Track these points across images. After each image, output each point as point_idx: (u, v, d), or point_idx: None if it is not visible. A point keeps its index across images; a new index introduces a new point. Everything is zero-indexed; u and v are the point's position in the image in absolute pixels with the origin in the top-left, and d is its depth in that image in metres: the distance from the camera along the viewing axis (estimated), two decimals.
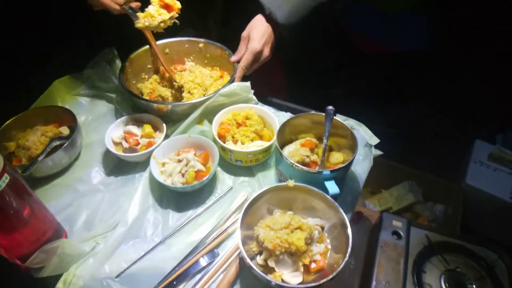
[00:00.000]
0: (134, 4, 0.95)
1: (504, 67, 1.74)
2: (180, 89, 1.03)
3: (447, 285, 0.99)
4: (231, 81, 0.97)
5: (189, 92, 1.01)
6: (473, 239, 1.10)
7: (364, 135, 0.94)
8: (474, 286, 0.99)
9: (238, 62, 1.01)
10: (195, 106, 0.92)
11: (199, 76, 1.04)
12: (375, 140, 0.93)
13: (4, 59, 1.01)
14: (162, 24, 0.93)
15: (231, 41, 1.07)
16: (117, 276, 0.72)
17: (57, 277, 0.71)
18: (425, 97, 1.89)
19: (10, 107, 0.98)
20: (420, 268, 1.03)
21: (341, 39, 1.83)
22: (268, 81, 1.29)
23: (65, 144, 0.88)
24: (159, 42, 1.08)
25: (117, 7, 0.92)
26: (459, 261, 1.05)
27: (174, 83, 1.03)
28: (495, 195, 1.52)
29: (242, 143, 0.89)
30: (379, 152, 0.93)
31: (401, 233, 1.09)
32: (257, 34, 0.97)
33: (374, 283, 0.99)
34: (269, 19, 0.99)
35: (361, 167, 0.90)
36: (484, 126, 1.80)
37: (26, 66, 1.08)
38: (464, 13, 1.78)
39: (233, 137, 0.90)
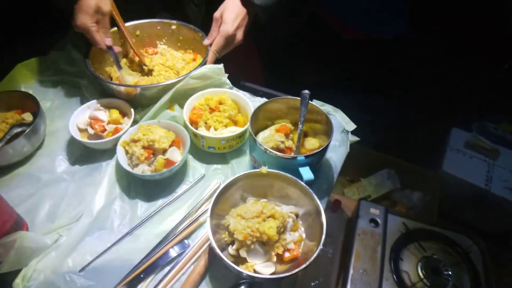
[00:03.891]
0: (117, 49, 0.97)
1: (480, 57, 1.76)
2: (150, 74, 0.98)
3: (423, 272, 1.00)
4: (203, 64, 0.92)
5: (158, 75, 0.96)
6: (449, 225, 1.11)
7: (341, 120, 0.91)
8: (450, 272, 1.00)
9: (211, 45, 0.97)
10: (165, 89, 0.88)
11: (170, 59, 0.99)
12: (351, 126, 0.90)
13: None
14: None
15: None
16: (81, 270, 0.69)
17: (17, 273, 0.67)
18: (403, 85, 1.90)
19: None
20: (397, 256, 1.03)
21: (320, 25, 1.80)
22: (243, 68, 1.25)
23: (27, 131, 0.83)
24: (129, 24, 1.03)
25: (104, 46, 0.92)
26: (435, 247, 1.06)
27: (144, 67, 0.99)
28: (471, 182, 1.55)
29: (215, 129, 0.85)
30: (356, 138, 0.91)
31: (379, 221, 1.10)
32: (230, 16, 0.92)
33: (351, 271, 0.99)
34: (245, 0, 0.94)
35: (338, 153, 0.88)
36: (461, 114, 1.82)
37: None
38: (441, 1, 1.78)
39: (205, 123, 0.86)
